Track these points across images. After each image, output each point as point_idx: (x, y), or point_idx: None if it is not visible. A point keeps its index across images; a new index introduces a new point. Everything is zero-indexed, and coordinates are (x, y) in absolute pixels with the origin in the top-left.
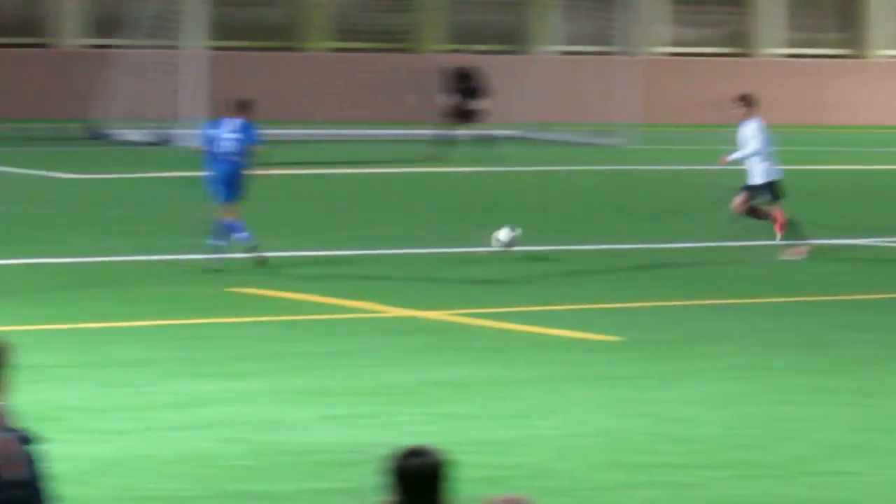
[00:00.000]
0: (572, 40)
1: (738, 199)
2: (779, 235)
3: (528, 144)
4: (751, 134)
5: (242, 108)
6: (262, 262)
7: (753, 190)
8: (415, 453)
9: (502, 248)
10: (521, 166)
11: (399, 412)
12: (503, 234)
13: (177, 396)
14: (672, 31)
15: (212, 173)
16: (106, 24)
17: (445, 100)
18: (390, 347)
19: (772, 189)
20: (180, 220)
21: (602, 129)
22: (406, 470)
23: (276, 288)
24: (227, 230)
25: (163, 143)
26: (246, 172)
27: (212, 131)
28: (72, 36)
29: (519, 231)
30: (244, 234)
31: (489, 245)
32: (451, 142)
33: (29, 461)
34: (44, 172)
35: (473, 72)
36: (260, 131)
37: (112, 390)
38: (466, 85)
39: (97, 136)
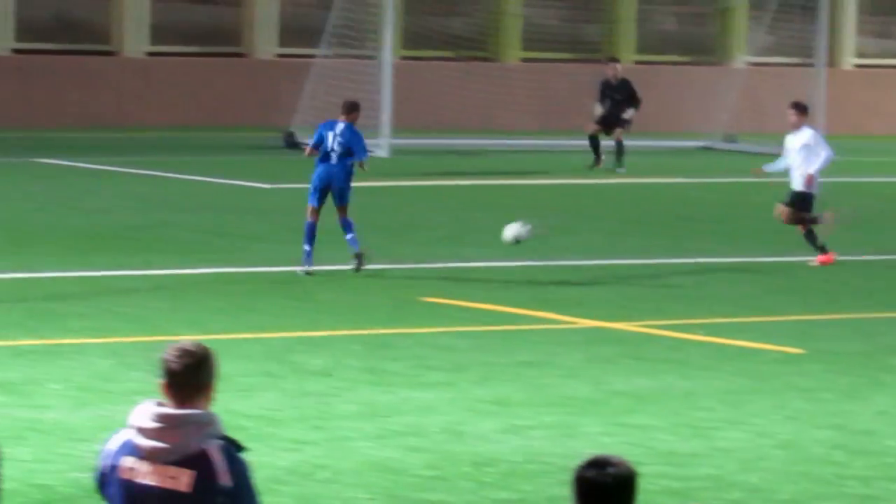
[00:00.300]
0: (759, 51)
1: (787, 216)
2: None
3: (714, 155)
4: (814, 142)
5: (348, 110)
6: (358, 269)
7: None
8: (600, 464)
9: (513, 242)
10: (708, 177)
11: (581, 423)
12: (513, 229)
13: (360, 406)
14: (859, 42)
15: (316, 175)
16: (300, 34)
17: (597, 109)
18: (573, 358)
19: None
20: (373, 229)
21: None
22: (591, 481)
23: (462, 298)
24: (311, 233)
25: (294, 146)
26: (348, 177)
27: (321, 132)
28: (267, 45)
29: (529, 227)
30: (351, 236)
31: (666, 256)
32: (597, 147)
33: (236, 470)
34: (240, 182)
35: (623, 82)
36: (363, 138)
37: (295, 400)
38: (616, 95)
39: (293, 145)
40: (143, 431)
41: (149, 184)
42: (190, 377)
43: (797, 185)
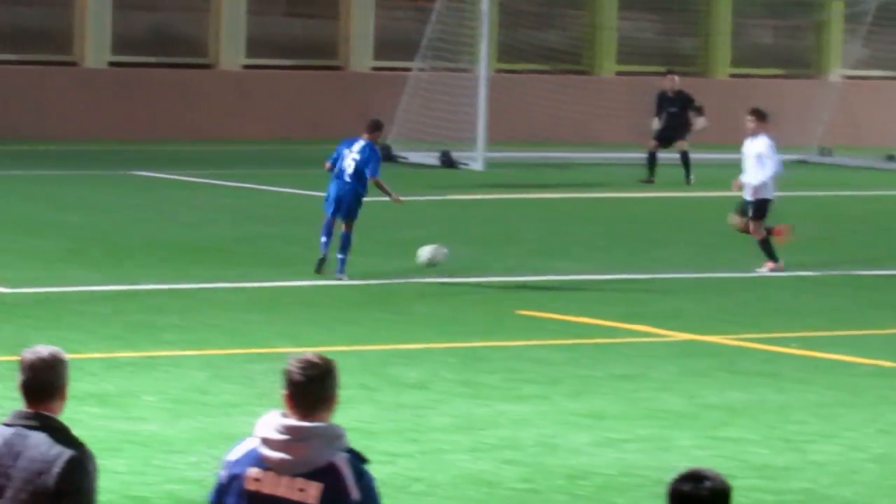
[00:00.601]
0: (855, 64)
1: (749, 227)
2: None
3: (809, 168)
4: (767, 153)
5: (371, 129)
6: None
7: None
8: (695, 477)
9: (427, 264)
10: (803, 190)
11: (675, 436)
12: (428, 251)
13: (455, 419)
14: None
15: (329, 189)
16: (396, 47)
17: (655, 124)
18: (667, 371)
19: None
20: (468, 242)
21: (883, 153)
22: (686, 494)
23: (557, 311)
24: (328, 227)
25: (451, 165)
26: (359, 196)
27: (341, 148)
28: (363, 58)
29: (446, 251)
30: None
31: (752, 269)
32: (654, 165)
33: (364, 484)
34: None
35: (679, 94)
36: (380, 157)
37: (391, 412)
38: (672, 107)
39: (389, 158)
40: (269, 443)
41: (245, 196)
42: (314, 389)
43: (749, 193)
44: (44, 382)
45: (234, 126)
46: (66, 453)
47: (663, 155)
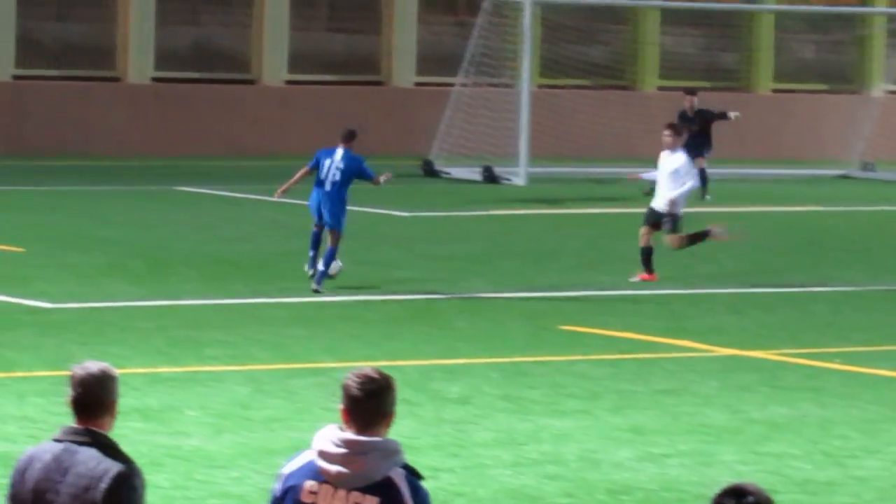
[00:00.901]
0: None
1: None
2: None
3: (851, 183)
4: (684, 170)
5: (347, 138)
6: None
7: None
8: (738, 492)
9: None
10: (845, 205)
11: (717, 451)
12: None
13: (497, 434)
14: None
15: (313, 198)
16: (438, 62)
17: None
18: (709, 386)
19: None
20: (510, 257)
21: None
22: None
23: (599, 326)
24: (316, 239)
25: (494, 180)
26: (342, 204)
27: (320, 157)
28: (405, 73)
29: (340, 265)
30: (336, 265)
31: (804, 284)
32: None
33: (420, 499)
34: (379, 210)
35: (700, 113)
36: (363, 158)
37: (433, 427)
38: (693, 126)
39: (431, 173)
40: (327, 456)
41: (287, 212)
42: (372, 404)
43: (660, 205)
44: (94, 398)
45: (277, 141)
46: (114, 469)
47: (710, 170)
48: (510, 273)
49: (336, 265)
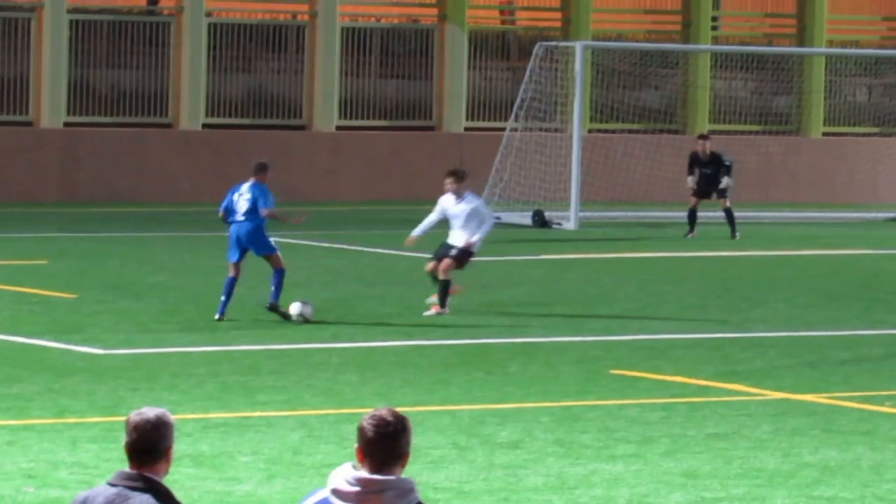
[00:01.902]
0: None
1: (445, 264)
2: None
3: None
4: (483, 209)
5: (257, 171)
6: (285, 317)
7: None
8: None
9: (300, 321)
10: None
11: (770, 495)
12: (294, 307)
13: (548, 478)
14: None
15: (231, 235)
16: (489, 107)
17: (689, 182)
18: (762, 430)
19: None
20: (563, 302)
21: None
22: None
23: (651, 370)
24: (228, 286)
25: (545, 224)
26: (257, 230)
27: (230, 194)
28: (456, 118)
29: (309, 305)
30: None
31: (855, 327)
32: (694, 221)
33: None
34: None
35: (713, 157)
36: (270, 193)
37: (484, 472)
38: (705, 169)
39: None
40: (341, 494)
41: (340, 257)
42: (387, 446)
43: (459, 242)
44: (149, 444)
45: (328, 187)
46: None
47: (762, 213)
48: (562, 317)
49: (308, 307)
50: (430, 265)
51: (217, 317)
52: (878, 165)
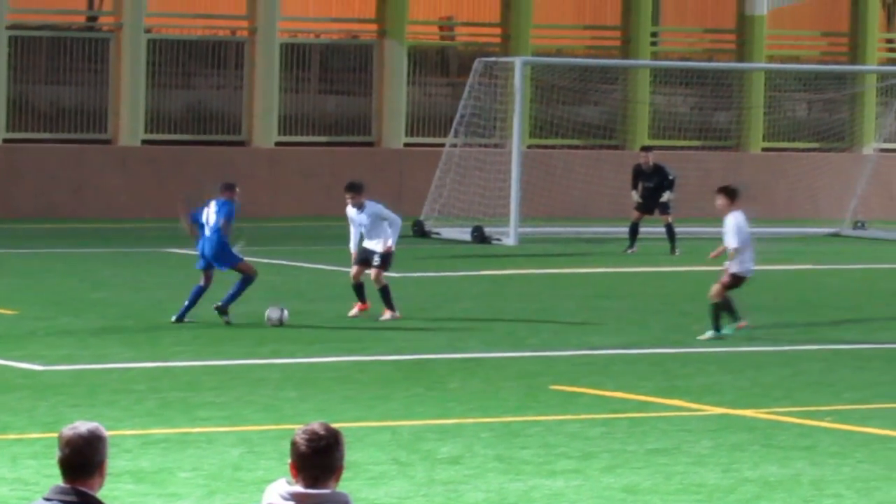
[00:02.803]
0: (890, 137)
1: (375, 273)
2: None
3: (843, 242)
4: (384, 213)
5: (224, 190)
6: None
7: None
8: None
9: (277, 325)
10: (837, 264)
11: None
12: (272, 311)
13: (489, 494)
14: None
15: (199, 246)
16: (429, 123)
17: (634, 196)
18: (702, 445)
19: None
20: (503, 318)
21: None
22: None
23: (592, 385)
24: (195, 293)
25: (484, 240)
26: (220, 245)
27: (200, 211)
28: (396, 134)
29: (286, 311)
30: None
31: (796, 342)
32: (635, 236)
33: None
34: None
35: (657, 169)
36: (234, 210)
37: (425, 488)
38: (648, 182)
39: (422, 234)
40: None
41: (280, 273)
42: (320, 459)
43: (378, 248)
44: (82, 458)
45: (268, 203)
46: None
47: (703, 229)
48: (502, 333)
49: (280, 312)
50: (354, 271)
51: (174, 319)
52: (818, 180)
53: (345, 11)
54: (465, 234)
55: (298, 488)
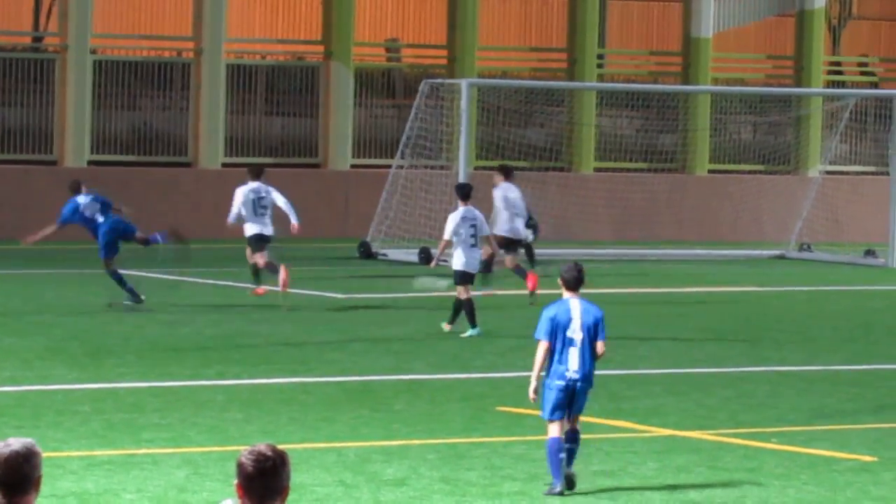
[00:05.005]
0: (834, 160)
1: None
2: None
3: (788, 264)
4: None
5: (72, 188)
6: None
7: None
8: None
9: (431, 288)
10: (782, 286)
11: None
12: (427, 281)
13: None
14: None
15: (98, 240)
16: (375, 145)
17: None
18: (648, 467)
19: None
20: (447, 339)
21: (862, 248)
22: None
23: (537, 407)
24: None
25: (429, 262)
26: (103, 234)
27: (71, 206)
28: (341, 156)
29: (442, 282)
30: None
31: (741, 364)
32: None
33: None
34: (315, 292)
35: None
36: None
37: None
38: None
39: (368, 256)
40: None
41: (225, 294)
42: (266, 480)
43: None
44: (19, 476)
45: (214, 224)
46: None
47: (648, 251)
48: (447, 355)
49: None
50: (253, 257)
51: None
52: (763, 203)
53: (291, 33)
54: (411, 255)
55: None
